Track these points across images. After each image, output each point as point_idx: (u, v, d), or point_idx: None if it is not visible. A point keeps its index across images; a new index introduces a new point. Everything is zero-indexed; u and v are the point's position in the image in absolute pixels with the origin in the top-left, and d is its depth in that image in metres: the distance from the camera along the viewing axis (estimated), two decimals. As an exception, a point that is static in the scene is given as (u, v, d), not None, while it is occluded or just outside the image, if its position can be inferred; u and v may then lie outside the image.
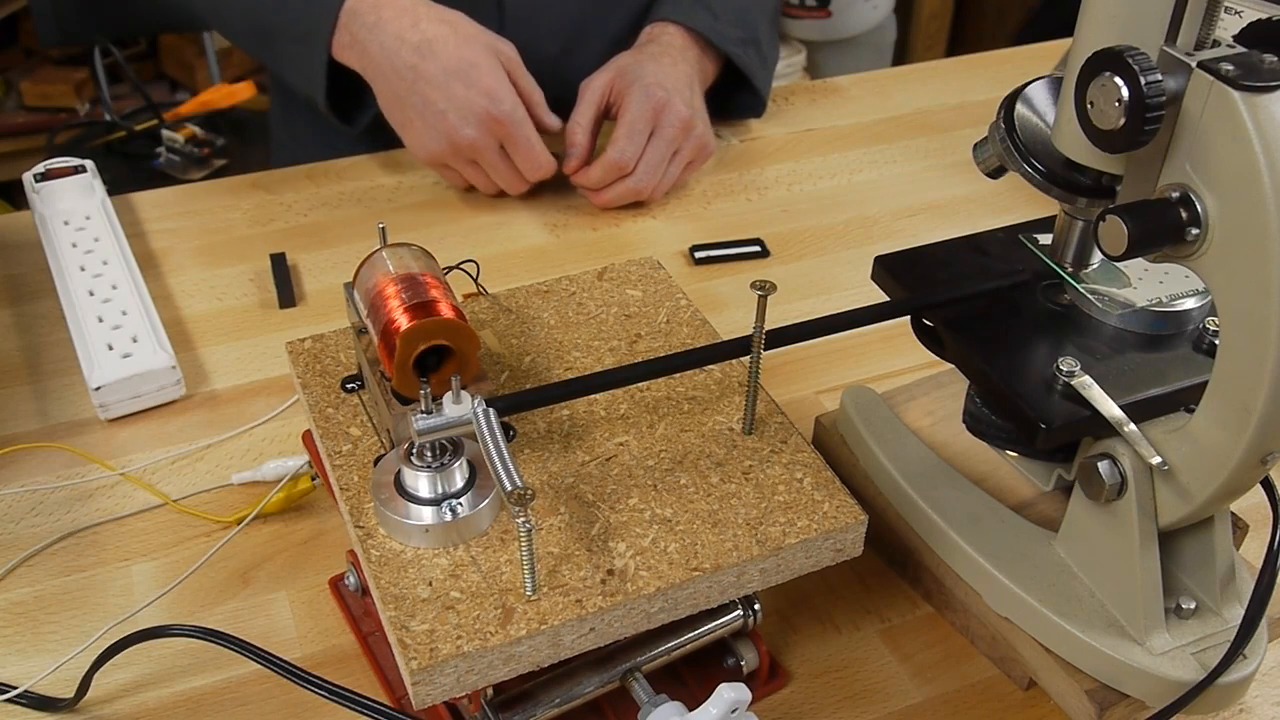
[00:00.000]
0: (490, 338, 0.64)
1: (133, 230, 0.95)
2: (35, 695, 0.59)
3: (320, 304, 0.88)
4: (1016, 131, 0.56)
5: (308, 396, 0.60)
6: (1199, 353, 0.57)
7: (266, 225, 0.97)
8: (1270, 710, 0.61)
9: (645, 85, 0.94)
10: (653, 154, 0.95)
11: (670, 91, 0.94)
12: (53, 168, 0.95)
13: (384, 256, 0.57)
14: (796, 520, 0.54)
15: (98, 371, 0.75)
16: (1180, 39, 0.47)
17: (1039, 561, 0.60)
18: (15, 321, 0.86)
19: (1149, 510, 0.55)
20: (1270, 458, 0.50)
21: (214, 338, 0.85)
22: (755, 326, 0.56)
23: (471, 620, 0.49)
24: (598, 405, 0.60)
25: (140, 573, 0.67)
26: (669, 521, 0.54)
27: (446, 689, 0.48)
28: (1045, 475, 0.61)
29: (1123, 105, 0.46)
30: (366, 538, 0.53)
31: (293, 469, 0.70)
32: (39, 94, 2.29)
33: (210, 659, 0.61)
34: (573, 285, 0.69)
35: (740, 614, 0.58)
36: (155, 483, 0.72)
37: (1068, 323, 0.59)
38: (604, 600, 0.50)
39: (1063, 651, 0.58)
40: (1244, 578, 0.60)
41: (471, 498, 0.53)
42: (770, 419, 0.59)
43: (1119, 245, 0.48)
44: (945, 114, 1.16)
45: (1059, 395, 0.55)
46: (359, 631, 0.63)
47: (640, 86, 0.94)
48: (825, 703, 0.61)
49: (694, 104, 0.97)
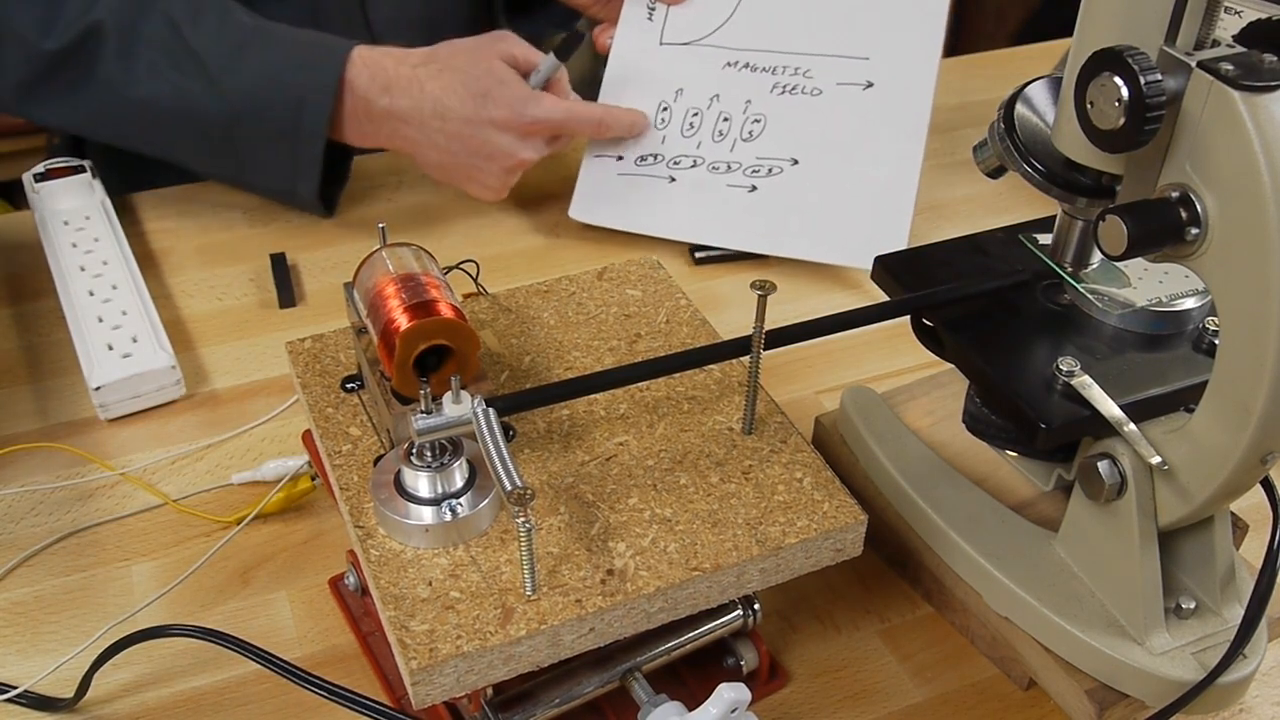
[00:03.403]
0: (490, 338, 0.64)
1: (133, 230, 0.95)
2: (35, 695, 0.59)
3: (320, 304, 0.88)
4: (1016, 131, 0.56)
5: (308, 396, 0.60)
6: (1199, 353, 0.57)
7: (266, 225, 0.97)
8: (1270, 710, 0.61)
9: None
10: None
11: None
12: (53, 168, 0.95)
13: (384, 256, 0.57)
14: (796, 520, 0.54)
15: (98, 371, 0.75)
16: (1180, 39, 0.47)
17: (1039, 561, 0.60)
18: (15, 321, 0.86)
19: (1149, 510, 0.55)
20: (1270, 458, 0.50)
21: (214, 338, 0.85)
22: (755, 326, 0.56)
23: (471, 620, 0.49)
24: (598, 405, 0.60)
25: (140, 573, 0.67)
26: (669, 521, 0.54)
27: (446, 689, 0.48)
28: (1045, 475, 0.62)
29: (1123, 105, 0.46)
30: (366, 538, 0.53)
31: (293, 469, 0.70)
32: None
33: (210, 659, 0.61)
34: (573, 285, 0.69)
35: (740, 614, 0.58)
36: (155, 483, 0.72)
37: (1068, 323, 0.59)
38: (604, 600, 0.50)
39: (1063, 651, 0.58)
40: (1244, 578, 0.60)
41: (471, 498, 0.53)
42: (770, 419, 0.59)
43: (1119, 245, 0.48)
44: (945, 114, 1.15)
45: (1059, 395, 0.55)
46: (359, 631, 0.63)
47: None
48: (825, 703, 0.61)
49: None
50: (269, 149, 0.91)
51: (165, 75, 0.88)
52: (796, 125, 0.94)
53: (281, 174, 0.93)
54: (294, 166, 0.92)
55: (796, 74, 0.95)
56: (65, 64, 0.88)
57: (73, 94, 0.89)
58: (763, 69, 0.95)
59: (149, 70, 0.88)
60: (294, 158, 0.91)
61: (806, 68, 0.95)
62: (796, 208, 0.92)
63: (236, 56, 0.88)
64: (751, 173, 0.94)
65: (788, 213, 0.92)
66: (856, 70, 0.94)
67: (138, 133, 0.92)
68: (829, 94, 0.94)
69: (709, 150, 0.94)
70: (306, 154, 0.90)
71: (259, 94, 0.88)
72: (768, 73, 0.95)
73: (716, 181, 0.94)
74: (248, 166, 0.93)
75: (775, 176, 0.93)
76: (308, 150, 0.90)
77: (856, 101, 0.93)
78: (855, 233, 0.90)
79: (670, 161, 0.95)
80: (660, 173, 0.95)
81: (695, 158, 0.94)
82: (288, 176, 0.93)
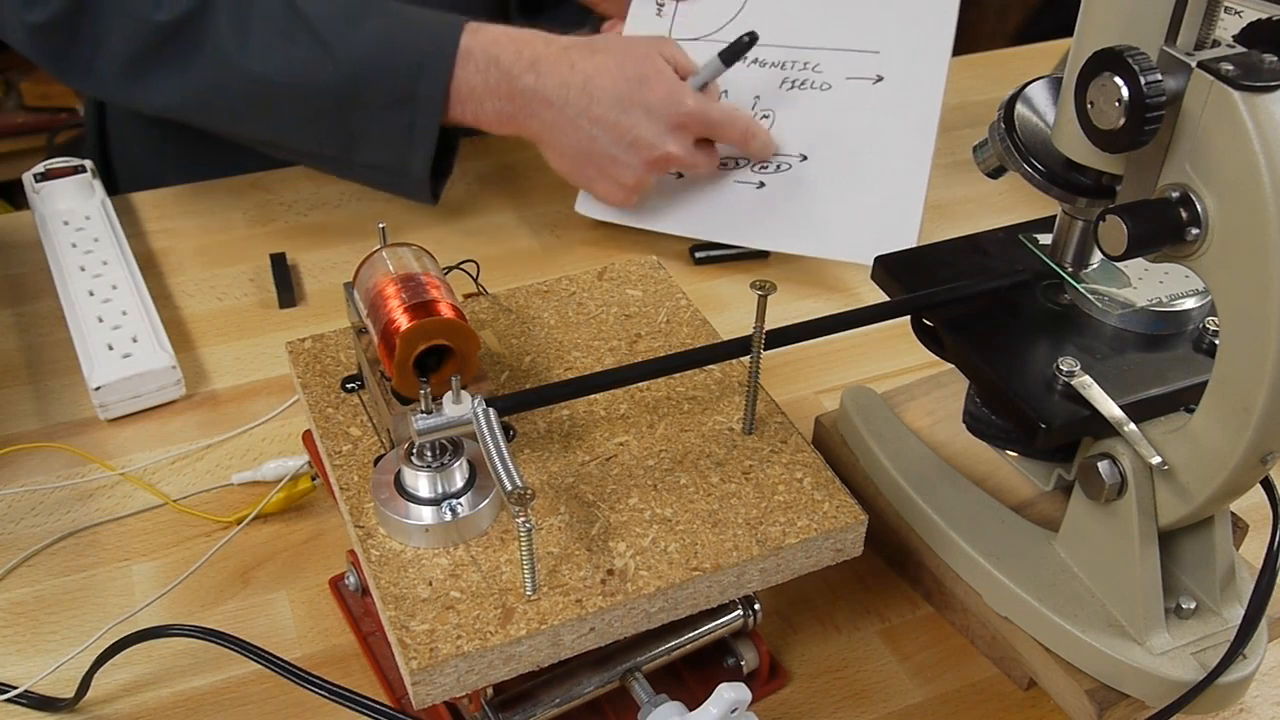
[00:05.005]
0: (490, 338, 0.64)
1: (133, 230, 0.95)
2: (35, 695, 0.59)
3: (320, 304, 0.88)
4: (1016, 131, 0.56)
5: (308, 396, 0.60)
6: (1199, 353, 0.57)
7: (266, 225, 0.97)
8: (1270, 710, 0.61)
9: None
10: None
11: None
12: (53, 168, 0.95)
13: (384, 256, 0.57)
14: (796, 520, 0.54)
15: (98, 371, 0.75)
16: (1180, 39, 0.47)
17: (1039, 561, 0.60)
18: (15, 321, 0.86)
19: (1149, 510, 0.55)
20: (1270, 458, 0.50)
21: (214, 338, 0.85)
22: (755, 326, 0.56)
23: (471, 620, 0.49)
24: (598, 405, 0.60)
25: (140, 573, 0.67)
26: (669, 521, 0.54)
27: (446, 689, 0.48)
28: (1045, 475, 0.61)
29: (1123, 105, 0.46)
30: (366, 538, 0.53)
31: (293, 469, 0.70)
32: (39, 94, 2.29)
33: (210, 659, 0.61)
34: (573, 285, 0.69)
35: (740, 614, 0.58)
36: (155, 483, 0.72)
37: (1068, 323, 0.59)
38: (604, 600, 0.50)
39: (1063, 651, 0.58)
40: (1244, 578, 0.60)
41: (471, 498, 0.53)
42: (770, 419, 0.59)
43: (1119, 245, 0.48)
44: (945, 114, 1.14)
45: (1059, 395, 0.55)
46: (359, 631, 0.63)
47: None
48: (825, 703, 0.61)
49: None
50: (383, 120, 0.87)
51: (278, 46, 0.85)
52: (806, 121, 0.93)
53: (394, 148, 0.89)
54: (409, 138, 0.88)
55: (806, 69, 0.94)
56: (176, 36, 0.85)
57: (183, 68, 0.87)
58: (772, 64, 0.95)
59: (262, 41, 0.85)
60: (410, 128, 0.87)
61: (816, 62, 0.94)
62: (805, 204, 0.91)
63: (351, 25, 0.85)
64: (759, 169, 0.93)
65: (796, 209, 0.91)
66: (866, 64, 0.93)
67: (246, 109, 0.89)
68: (838, 89, 0.93)
69: (717, 146, 0.94)
70: (423, 123, 0.87)
71: (375, 60, 0.85)
72: (777, 68, 0.95)
73: (724, 177, 0.94)
74: (359, 141, 0.89)
75: (784, 172, 0.93)
76: (424, 119, 0.86)
77: (866, 96, 0.93)
78: (865, 229, 0.90)
79: None
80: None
81: None
82: (400, 150, 0.89)
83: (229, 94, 0.88)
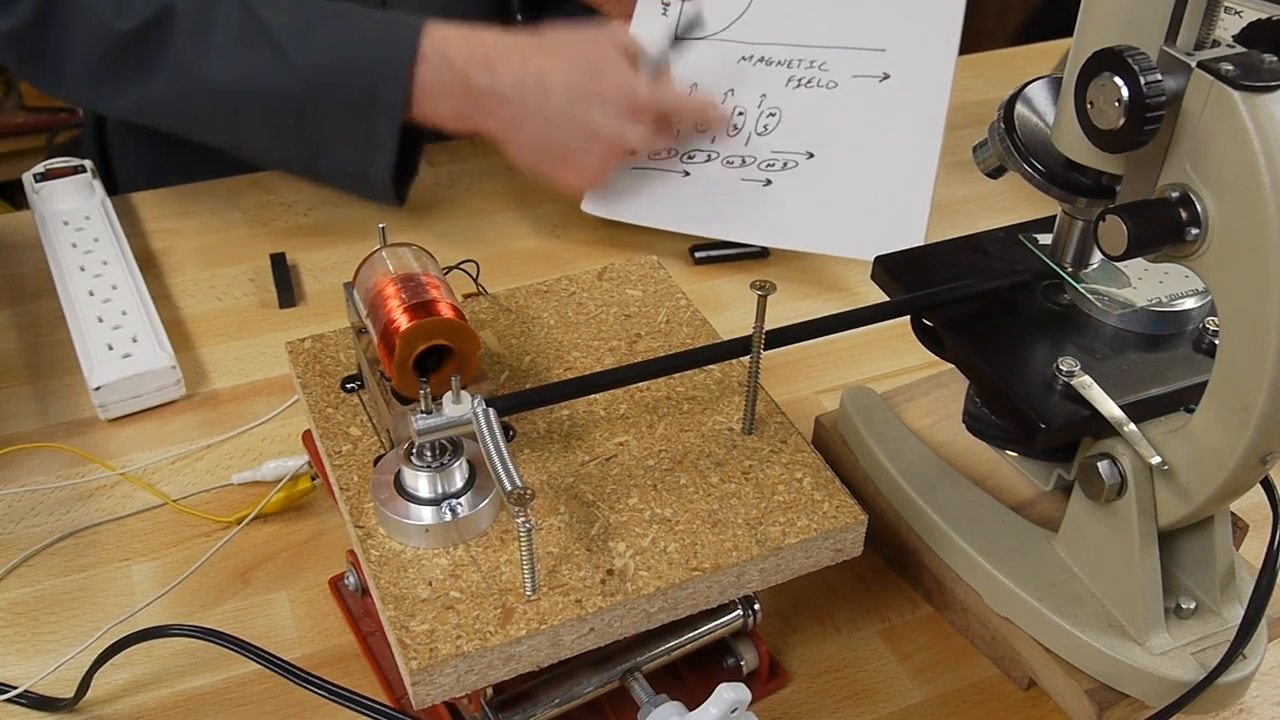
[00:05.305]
0: (490, 338, 0.64)
1: (132, 230, 0.95)
2: (35, 695, 0.59)
3: (320, 304, 0.88)
4: (1016, 131, 0.56)
5: (308, 396, 0.60)
6: (1199, 353, 0.57)
7: (266, 225, 0.97)
8: (1270, 710, 0.61)
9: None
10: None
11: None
12: (53, 168, 0.95)
13: (384, 256, 0.57)
14: (796, 520, 0.54)
15: (98, 371, 0.75)
16: (1180, 39, 0.47)
17: (1039, 561, 0.60)
18: (15, 321, 0.86)
19: (1149, 510, 0.55)
20: (1270, 458, 0.50)
21: (214, 338, 0.85)
22: (755, 326, 0.56)
23: (471, 620, 0.49)
24: (598, 405, 0.60)
25: (140, 573, 0.67)
26: (669, 521, 0.54)
27: (446, 689, 0.48)
28: (1045, 475, 0.61)
29: (1123, 105, 0.46)
30: (366, 538, 0.53)
31: (293, 469, 0.70)
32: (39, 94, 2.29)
33: (210, 659, 0.61)
34: (573, 285, 0.69)
35: (740, 614, 0.58)
36: (155, 483, 0.72)
37: (1068, 323, 0.59)
38: (604, 600, 0.50)
39: (1063, 651, 0.58)
40: (1244, 578, 0.60)
41: (471, 498, 0.53)
42: (770, 419, 0.59)
43: (1119, 245, 0.48)
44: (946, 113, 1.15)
45: (1059, 395, 0.55)
46: (359, 631, 0.63)
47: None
48: (825, 703, 0.61)
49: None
50: (343, 126, 0.88)
51: (238, 55, 0.85)
52: (812, 119, 0.93)
53: (355, 153, 0.89)
54: (369, 143, 0.88)
55: (812, 67, 0.94)
56: (138, 44, 0.85)
57: (145, 76, 0.87)
58: (778, 62, 0.95)
59: (221, 51, 0.85)
60: (369, 134, 0.87)
61: (822, 60, 0.94)
62: (813, 201, 0.91)
63: (311, 32, 0.86)
64: (766, 166, 0.93)
65: (804, 206, 0.91)
66: (873, 62, 0.93)
67: (208, 117, 0.90)
68: (845, 86, 0.93)
69: (723, 144, 0.94)
70: (383, 128, 0.87)
71: (334, 67, 0.85)
72: (783, 66, 0.95)
73: (731, 175, 0.93)
74: (320, 148, 0.90)
75: (790, 170, 0.92)
76: (385, 124, 0.87)
77: (873, 94, 0.93)
78: (873, 226, 0.89)
79: (684, 155, 0.94)
80: (674, 166, 0.94)
81: (709, 152, 0.94)
82: (362, 155, 0.89)
83: (191, 102, 0.88)
